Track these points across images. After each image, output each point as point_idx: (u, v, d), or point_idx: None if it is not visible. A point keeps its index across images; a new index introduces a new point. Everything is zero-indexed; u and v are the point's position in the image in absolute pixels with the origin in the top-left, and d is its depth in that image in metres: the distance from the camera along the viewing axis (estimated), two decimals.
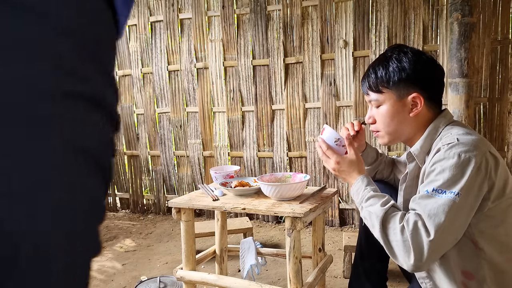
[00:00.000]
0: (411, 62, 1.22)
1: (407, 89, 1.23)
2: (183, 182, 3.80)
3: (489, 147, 1.13)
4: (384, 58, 1.28)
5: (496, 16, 2.82)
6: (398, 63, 1.23)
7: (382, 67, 1.26)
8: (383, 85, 1.26)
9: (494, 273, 1.11)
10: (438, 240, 1.04)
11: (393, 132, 1.30)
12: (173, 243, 3.08)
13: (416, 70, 1.22)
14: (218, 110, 3.59)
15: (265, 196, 1.63)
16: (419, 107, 1.24)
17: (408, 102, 1.24)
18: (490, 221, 1.10)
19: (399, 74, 1.23)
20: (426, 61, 1.25)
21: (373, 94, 1.29)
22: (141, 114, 3.86)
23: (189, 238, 1.71)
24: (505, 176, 1.12)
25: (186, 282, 1.73)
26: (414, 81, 1.23)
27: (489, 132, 2.93)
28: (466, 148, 1.09)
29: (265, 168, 3.49)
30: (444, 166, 1.08)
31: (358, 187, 1.27)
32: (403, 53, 1.24)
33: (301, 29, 3.24)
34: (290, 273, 1.49)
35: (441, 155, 1.11)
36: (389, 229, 1.11)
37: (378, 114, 1.30)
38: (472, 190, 1.06)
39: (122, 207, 4.13)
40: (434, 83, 1.26)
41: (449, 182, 1.06)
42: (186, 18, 3.57)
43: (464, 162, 1.07)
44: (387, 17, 3.01)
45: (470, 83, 2.56)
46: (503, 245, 1.11)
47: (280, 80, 3.34)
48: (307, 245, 2.83)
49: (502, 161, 1.13)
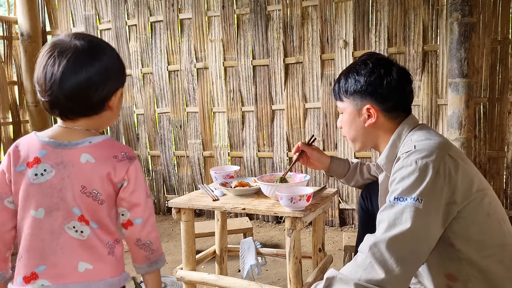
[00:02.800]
0: (366, 75, 1.25)
1: (361, 100, 1.27)
2: (183, 182, 3.80)
3: (448, 150, 1.12)
4: (349, 67, 1.33)
5: (496, 16, 2.82)
6: (355, 75, 1.27)
7: (345, 76, 1.31)
8: (343, 94, 1.31)
9: (477, 271, 1.10)
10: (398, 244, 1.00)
11: (355, 139, 1.34)
12: (173, 243, 3.08)
13: (369, 83, 1.24)
14: (218, 110, 3.59)
15: (265, 196, 1.63)
16: (374, 119, 1.26)
17: (363, 113, 1.28)
18: (462, 222, 1.09)
19: (354, 85, 1.27)
20: (384, 74, 1.25)
21: (337, 101, 1.36)
22: (141, 114, 3.86)
23: (189, 238, 1.71)
24: (469, 175, 1.11)
25: (186, 282, 1.73)
26: (367, 94, 1.26)
27: (489, 132, 2.93)
28: (423, 154, 1.09)
29: (265, 168, 3.49)
30: (403, 174, 1.09)
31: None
32: (364, 65, 1.27)
33: (301, 29, 3.24)
34: (290, 273, 1.49)
35: (399, 164, 1.12)
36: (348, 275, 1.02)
37: (342, 121, 1.36)
38: (433, 194, 1.05)
39: None
40: (389, 95, 1.25)
41: (409, 189, 1.06)
42: (186, 18, 3.57)
43: (421, 168, 1.07)
44: (387, 17, 3.01)
45: (470, 83, 2.56)
46: (478, 243, 1.11)
47: (280, 80, 3.34)
48: (307, 245, 2.83)
49: (462, 162, 1.12)
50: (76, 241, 0.95)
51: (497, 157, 2.91)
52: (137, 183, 1.00)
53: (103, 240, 0.97)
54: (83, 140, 0.97)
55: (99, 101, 0.98)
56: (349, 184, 1.72)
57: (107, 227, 0.99)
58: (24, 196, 0.95)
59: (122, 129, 3.92)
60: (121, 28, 3.77)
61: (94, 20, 3.86)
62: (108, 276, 0.98)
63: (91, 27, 3.87)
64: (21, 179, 0.95)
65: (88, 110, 0.99)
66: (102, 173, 0.96)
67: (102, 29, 3.86)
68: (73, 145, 0.96)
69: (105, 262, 0.97)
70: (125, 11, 3.75)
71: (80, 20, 3.92)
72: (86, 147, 0.96)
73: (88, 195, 0.96)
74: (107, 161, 0.97)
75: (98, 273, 0.96)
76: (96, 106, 0.99)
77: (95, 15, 3.85)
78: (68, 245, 0.94)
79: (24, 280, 0.93)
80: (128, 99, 3.87)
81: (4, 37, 3.90)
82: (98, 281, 0.96)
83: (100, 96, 0.97)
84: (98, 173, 0.96)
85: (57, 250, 0.94)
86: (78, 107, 0.97)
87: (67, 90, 0.93)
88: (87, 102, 0.97)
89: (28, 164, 0.95)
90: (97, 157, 0.96)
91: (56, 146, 0.96)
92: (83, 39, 0.97)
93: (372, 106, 1.25)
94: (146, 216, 1.01)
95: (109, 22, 3.81)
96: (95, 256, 0.96)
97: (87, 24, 3.88)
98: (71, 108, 0.97)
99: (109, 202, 0.99)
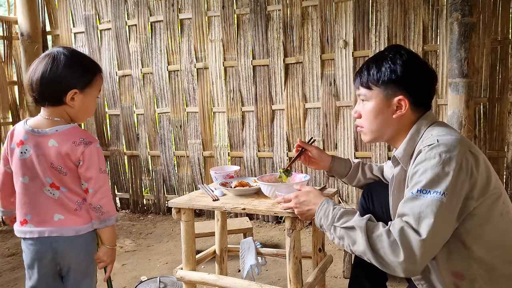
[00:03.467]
0: (403, 65, 1.23)
1: (394, 91, 1.24)
2: (183, 182, 3.80)
3: (469, 146, 1.13)
4: (379, 56, 1.30)
5: (496, 16, 2.82)
6: (391, 64, 1.24)
7: (376, 64, 1.27)
8: (373, 82, 1.27)
9: (484, 271, 1.11)
10: (429, 240, 1.02)
11: (375, 130, 1.31)
12: (173, 243, 3.08)
13: (406, 73, 1.23)
14: (218, 110, 3.59)
15: (265, 196, 1.63)
16: (403, 110, 1.25)
17: (393, 103, 1.25)
18: (476, 220, 1.10)
19: (389, 74, 1.24)
20: (419, 66, 1.25)
21: (363, 89, 1.31)
22: (141, 114, 3.86)
23: (189, 238, 1.71)
24: (487, 173, 1.13)
25: (186, 282, 1.73)
26: (402, 84, 1.24)
27: (489, 132, 2.93)
28: (446, 148, 1.10)
29: (265, 168, 3.49)
30: (426, 167, 1.09)
31: (325, 209, 1.25)
32: (399, 55, 1.25)
33: (301, 29, 3.24)
34: (290, 273, 1.49)
35: (422, 157, 1.12)
36: (374, 237, 1.08)
37: (364, 109, 1.32)
38: (456, 189, 1.06)
39: (122, 207, 4.13)
40: (422, 89, 1.26)
41: (432, 182, 1.07)
42: (186, 18, 3.57)
43: (445, 161, 1.08)
44: (387, 17, 3.00)
45: (470, 83, 2.56)
46: (490, 242, 1.12)
47: (280, 80, 3.34)
48: (307, 245, 2.83)
49: (482, 159, 1.14)
50: (51, 199, 1.34)
51: (497, 157, 2.91)
52: (90, 162, 1.33)
53: (72, 199, 1.35)
54: (51, 129, 1.33)
55: (53, 96, 1.32)
56: (350, 183, 1.71)
57: (74, 190, 1.35)
58: (15, 167, 1.35)
59: (122, 129, 3.92)
60: (121, 28, 3.77)
61: (94, 20, 3.86)
62: (75, 224, 1.35)
63: (91, 27, 3.87)
64: (13, 154, 1.35)
65: (46, 101, 1.33)
66: (63, 154, 1.31)
67: (102, 29, 3.86)
68: (44, 133, 1.32)
69: (73, 214, 1.35)
70: (125, 11, 3.75)
71: (80, 20, 3.92)
72: (53, 134, 1.32)
73: (55, 169, 1.32)
74: (67, 145, 1.31)
75: (68, 221, 1.34)
76: (53, 99, 1.33)
77: (95, 15, 3.85)
78: (46, 202, 1.34)
79: (20, 223, 1.36)
80: (128, 99, 3.88)
81: (4, 37, 3.90)
82: (68, 227, 1.34)
83: (53, 92, 1.31)
84: (60, 154, 1.31)
85: (38, 205, 1.34)
86: (39, 97, 1.33)
87: (34, 85, 1.31)
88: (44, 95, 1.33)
89: (17, 144, 1.33)
90: (59, 142, 1.32)
91: (33, 133, 1.32)
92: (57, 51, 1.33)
93: (404, 97, 1.24)
94: (97, 187, 1.34)
95: (109, 22, 3.81)
96: (65, 210, 1.34)
97: (87, 24, 3.88)
98: (36, 98, 1.34)
99: (72, 174, 1.34)
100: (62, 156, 1.30)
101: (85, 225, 1.36)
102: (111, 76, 3.88)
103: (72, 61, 1.33)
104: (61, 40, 4.01)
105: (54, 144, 1.31)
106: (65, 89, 1.32)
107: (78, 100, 1.35)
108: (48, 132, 1.32)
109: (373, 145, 3.12)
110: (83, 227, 1.36)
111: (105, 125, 4.03)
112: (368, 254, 1.08)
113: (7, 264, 2.77)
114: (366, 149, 3.16)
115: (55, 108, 1.35)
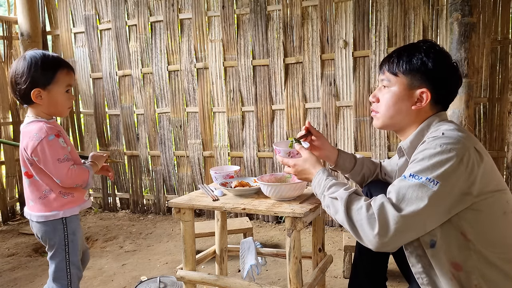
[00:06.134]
0: (435, 59, 1.23)
1: (420, 82, 1.25)
2: (183, 182, 3.80)
3: (475, 144, 1.14)
4: (413, 46, 1.30)
5: (496, 16, 2.82)
6: (423, 55, 1.24)
7: (408, 53, 1.27)
8: (401, 69, 1.27)
9: (483, 264, 1.11)
10: (406, 218, 1.05)
11: (389, 117, 1.31)
12: (173, 243, 3.08)
13: (436, 68, 1.23)
14: (218, 110, 3.59)
15: (265, 196, 1.64)
16: (423, 104, 1.25)
17: (415, 95, 1.26)
18: (477, 215, 1.11)
19: (420, 65, 1.24)
20: (450, 66, 1.26)
21: (388, 74, 1.30)
22: (141, 114, 3.86)
23: (189, 238, 1.71)
24: (491, 172, 1.13)
25: (186, 282, 1.73)
26: (429, 78, 1.24)
27: (489, 132, 2.93)
28: (449, 140, 1.11)
29: (265, 168, 3.49)
30: (425, 155, 1.11)
31: (319, 179, 1.32)
32: (433, 49, 1.25)
33: (301, 29, 3.24)
34: (290, 273, 1.49)
35: (423, 146, 1.14)
36: (353, 210, 1.13)
37: (384, 95, 1.32)
38: (449, 180, 1.06)
39: (122, 207, 4.13)
40: (446, 88, 1.26)
41: (426, 169, 1.08)
42: (186, 18, 3.57)
43: (444, 152, 1.08)
44: (387, 17, 3.01)
45: (470, 83, 2.56)
46: (491, 239, 1.12)
47: (280, 80, 3.34)
48: (307, 245, 2.83)
49: (488, 158, 1.14)
50: (26, 186, 1.55)
51: (497, 157, 2.91)
52: (44, 157, 1.45)
53: (39, 188, 1.52)
54: (23, 125, 1.52)
55: (22, 96, 1.48)
56: (355, 179, 1.67)
57: (43, 180, 1.51)
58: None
59: (122, 129, 3.92)
60: (121, 28, 3.77)
61: (94, 20, 3.86)
62: (40, 211, 1.52)
63: (91, 27, 3.87)
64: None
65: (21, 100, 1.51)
66: (22, 149, 1.50)
67: (102, 29, 3.86)
68: (21, 128, 1.52)
69: (37, 202, 1.53)
70: (125, 11, 3.75)
71: (80, 20, 3.92)
72: (22, 129, 1.51)
73: (24, 160, 1.52)
74: (24, 140, 1.48)
75: (35, 208, 1.54)
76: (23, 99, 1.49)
77: (95, 15, 3.85)
78: (25, 188, 1.56)
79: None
80: (128, 99, 3.88)
81: (4, 37, 3.90)
82: (36, 212, 1.53)
83: (20, 92, 1.47)
84: (22, 149, 1.50)
85: (24, 191, 1.58)
86: (16, 98, 1.52)
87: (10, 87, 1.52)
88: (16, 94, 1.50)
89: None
90: (21, 139, 1.51)
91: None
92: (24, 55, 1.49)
93: (428, 91, 1.24)
94: (62, 177, 1.48)
95: (109, 22, 3.81)
96: (33, 197, 1.54)
97: (87, 24, 3.88)
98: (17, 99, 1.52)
99: (35, 166, 1.49)
100: (23, 151, 1.50)
101: (49, 212, 1.52)
102: (111, 76, 3.88)
103: (30, 63, 1.46)
104: (61, 40, 4.01)
105: (21, 138, 1.52)
106: (28, 89, 1.45)
107: (44, 97, 1.48)
108: (21, 128, 1.53)
109: (373, 145, 3.12)
110: (48, 214, 1.52)
111: (105, 125, 4.03)
112: (345, 224, 1.15)
113: (7, 264, 2.77)
114: (366, 149, 3.16)
115: (31, 106, 1.51)
